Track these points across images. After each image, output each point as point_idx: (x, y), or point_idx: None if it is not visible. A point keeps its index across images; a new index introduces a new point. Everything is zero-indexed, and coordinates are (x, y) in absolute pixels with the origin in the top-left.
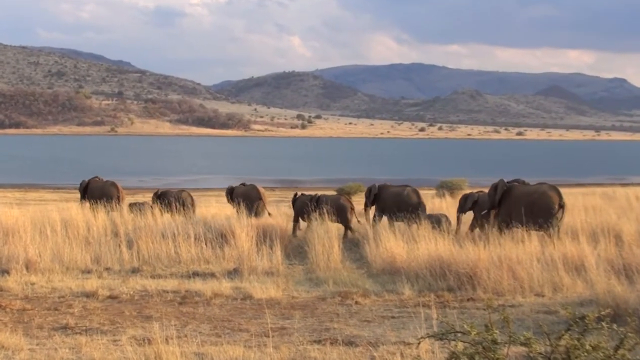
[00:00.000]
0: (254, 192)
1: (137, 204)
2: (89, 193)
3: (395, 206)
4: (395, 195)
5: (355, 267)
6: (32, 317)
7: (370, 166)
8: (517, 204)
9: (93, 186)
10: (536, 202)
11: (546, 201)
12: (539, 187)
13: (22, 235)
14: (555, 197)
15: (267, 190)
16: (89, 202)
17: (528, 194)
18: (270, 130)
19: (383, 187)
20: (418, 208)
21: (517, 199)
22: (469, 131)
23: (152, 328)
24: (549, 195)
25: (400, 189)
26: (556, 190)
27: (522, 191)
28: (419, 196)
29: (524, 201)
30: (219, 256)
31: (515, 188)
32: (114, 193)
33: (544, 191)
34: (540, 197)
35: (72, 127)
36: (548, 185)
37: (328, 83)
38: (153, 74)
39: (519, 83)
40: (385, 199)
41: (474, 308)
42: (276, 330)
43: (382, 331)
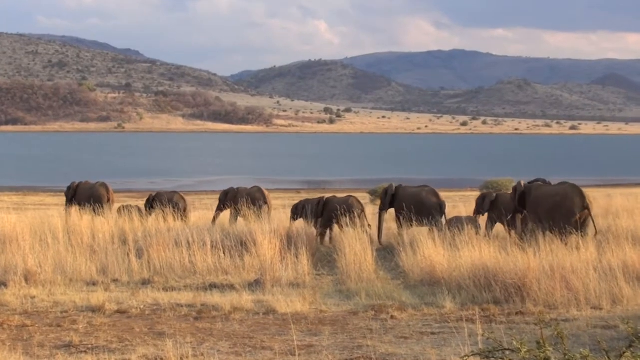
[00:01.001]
0: (259, 194)
1: (127, 206)
2: (77, 196)
3: (414, 208)
4: (413, 196)
5: (390, 277)
6: (33, 334)
7: (406, 165)
8: (540, 207)
9: (82, 189)
10: (558, 205)
11: (568, 204)
12: (561, 188)
13: (21, 244)
14: (577, 200)
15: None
16: (77, 205)
17: (550, 196)
18: (294, 126)
19: (400, 187)
20: (438, 209)
21: (539, 201)
22: (517, 125)
23: (165, 346)
24: (572, 197)
25: (419, 189)
26: (579, 191)
27: (544, 193)
28: (439, 197)
29: (546, 204)
30: (239, 266)
31: (536, 190)
32: (104, 195)
33: (566, 193)
34: (562, 199)
35: (74, 124)
36: (570, 186)
37: (359, 73)
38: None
39: (572, 71)
40: (402, 200)
41: (523, 323)
42: (303, 348)
43: (421, 349)
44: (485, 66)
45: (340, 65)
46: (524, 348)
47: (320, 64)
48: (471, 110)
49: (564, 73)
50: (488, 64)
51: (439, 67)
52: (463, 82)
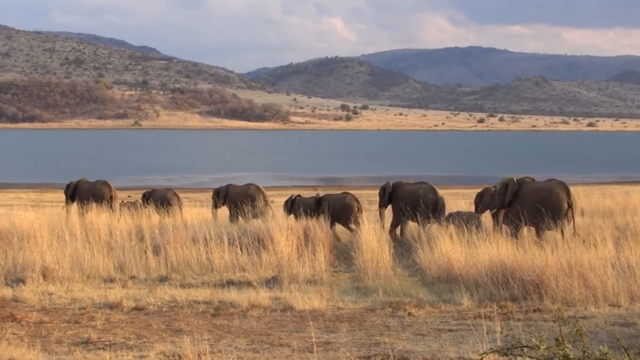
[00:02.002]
0: (257, 192)
1: (128, 203)
2: (78, 194)
3: (411, 205)
4: (411, 193)
5: (407, 274)
6: (51, 330)
7: (423, 162)
8: (526, 202)
9: (83, 187)
10: (544, 201)
11: (554, 200)
12: (547, 184)
13: (39, 241)
14: (563, 196)
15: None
16: (79, 203)
17: (535, 192)
18: (311, 123)
19: (398, 185)
20: (435, 206)
21: (525, 197)
22: (534, 122)
23: (183, 343)
24: (557, 193)
25: (417, 186)
26: (565, 188)
27: (530, 189)
28: (436, 194)
29: (531, 199)
30: (256, 263)
31: (522, 186)
32: (106, 193)
33: (552, 189)
34: (547, 195)
35: (91, 121)
36: (556, 182)
37: (376, 69)
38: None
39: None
40: (400, 197)
41: (541, 320)
42: (320, 345)
43: (439, 346)
44: (502, 63)
45: (357, 62)
46: (543, 345)
47: (337, 60)
48: (488, 107)
49: (582, 70)
50: (505, 60)
51: (455, 63)
52: (480, 79)
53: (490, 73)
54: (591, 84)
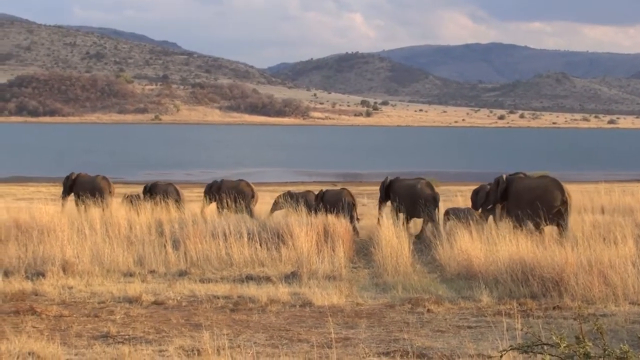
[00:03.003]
0: (247, 188)
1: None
2: (77, 188)
3: (409, 199)
4: (408, 188)
5: (426, 271)
6: (70, 324)
7: (443, 158)
8: (520, 199)
9: (82, 180)
10: (539, 198)
11: (548, 197)
12: (542, 181)
13: (59, 235)
14: (557, 193)
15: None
16: (77, 196)
17: (531, 189)
18: (331, 118)
19: (395, 180)
20: (432, 201)
21: (520, 193)
22: (554, 119)
23: (202, 337)
24: (551, 191)
25: (414, 181)
26: (559, 185)
27: (525, 186)
28: (433, 189)
29: (526, 196)
30: (275, 258)
31: (517, 182)
32: (105, 188)
33: (547, 186)
34: (542, 192)
35: (112, 115)
36: (551, 180)
37: (396, 65)
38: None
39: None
40: (397, 192)
41: (560, 317)
42: (339, 340)
43: (458, 342)
44: (523, 59)
45: (377, 58)
46: (563, 343)
47: (357, 56)
48: (508, 104)
49: (603, 67)
50: (526, 57)
51: (476, 60)
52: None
53: (510, 70)
54: (612, 81)
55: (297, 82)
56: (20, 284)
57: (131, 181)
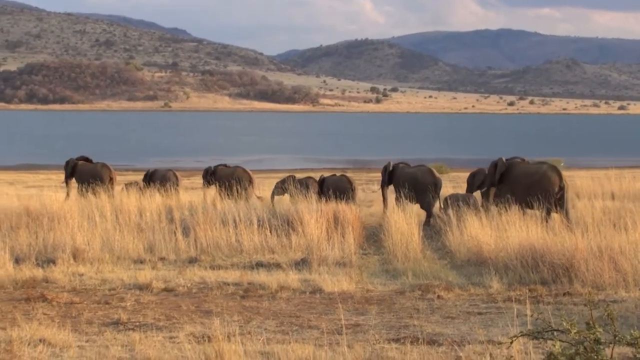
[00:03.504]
0: (245, 174)
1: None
2: (78, 174)
3: (410, 185)
4: (410, 174)
5: (436, 257)
6: (81, 311)
7: (453, 145)
8: (518, 184)
9: (83, 168)
10: (536, 184)
11: (546, 183)
12: (540, 167)
13: (69, 222)
14: (555, 179)
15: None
16: (78, 183)
17: (529, 174)
18: (340, 105)
19: (398, 166)
20: (433, 188)
21: (517, 178)
22: (564, 105)
23: (212, 324)
24: (549, 176)
25: (416, 168)
26: (557, 172)
27: (523, 170)
28: (434, 176)
29: (524, 181)
30: (285, 245)
31: (515, 167)
32: (106, 175)
33: (545, 172)
34: (540, 178)
35: (121, 102)
36: (548, 166)
37: (405, 52)
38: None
39: (621, 51)
40: (399, 178)
41: (570, 304)
42: (349, 327)
43: (468, 329)
44: (533, 45)
45: (387, 44)
46: (574, 329)
47: (367, 43)
48: (518, 90)
49: (613, 53)
50: (535, 43)
51: (485, 46)
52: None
53: (520, 56)
54: (622, 67)
55: (307, 68)
56: (31, 271)
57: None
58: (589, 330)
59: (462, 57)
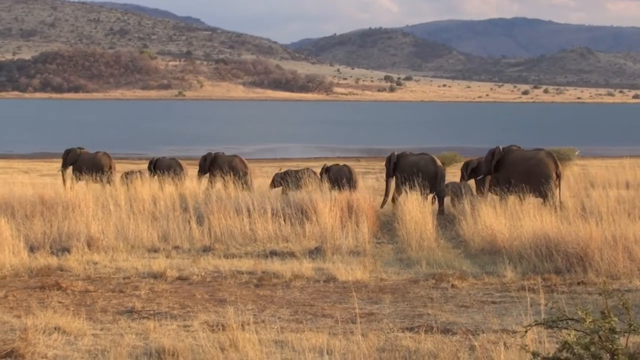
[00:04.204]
0: (241, 164)
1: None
2: (78, 164)
3: (414, 174)
4: (413, 163)
5: (450, 246)
6: (95, 299)
7: (467, 133)
8: (514, 170)
9: (83, 157)
10: (533, 169)
11: (543, 169)
12: (536, 154)
13: (84, 210)
14: (552, 165)
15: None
16: (77, 172)
17: (525, 160)
18: (354, 94)
19: (402, 155)
20: (436, 176)
21: (514, 164)
22: (579, 94)
23: (226, 313)
24: (546, 163)
25: (418, 157)
26: (553, 158)
27: (519, 157)
28: (436, 164)
29: (520, 167)
30: (299, 234)
31: (511, 154)
32: (106, 164)
33: (541, 159)
34: (537, 164)
35: (135, 91)
36: (545, 153)
37: (419, 41)
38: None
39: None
40: (403, 167)
41: (585, 293)
42: (363, 316)
43: (482, 318)
44: (547, 34)
45: (401, 33)
46: (589, 318)
47: (381, 32)
48: (532, 79)
49: (628, 41)
50: (550, 31)
51: (500, 35)
52: (524, 51)
53: (534, 44)
54: (637, 56)
55: (321, 57)
56: (45, 259)
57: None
58: (604, 320)
59: (476, 45)
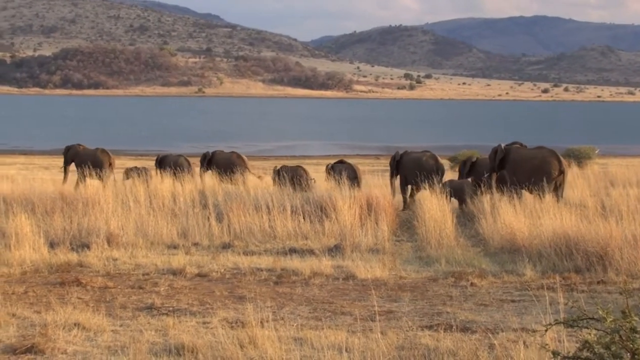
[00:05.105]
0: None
1: (134, 168)
2: (78, 160)
3: (415, 172)
4: (414, 161)
5: (470, 244)
6: (115, 295)
7: (487, 132)
8: (518, 168)
9: (82, 153)
10: (536, 168)
11: (546, 167)
12: (540, 152)
13: (103, 207)
14: (555, 163)
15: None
16: (78, 168)
17: (529, 159)
18: (374, 92)
19: (404, 154)
20: (436, 173)
21: (517, 163)
22: (599, 93)
23: (246, 309)
24: (549, 161)
25: (420, 154)
26: (556, 156)
27: (523, 155)
28: (437, 161)
29: (525, 166)
30: (319, 231)
31: (515, 152)
32: (105, 160)
33: (545, 157)
34: (540, 162)
35: (155, 88)
36: (548, 151)
37: (439, 38)
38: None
39: None
40: (405, 165)
41: (605, 292)
42: (383, 313)
43: (501, 316)
44: (567, 32)
45: (421, 31)
46: (609, 317)
47: (401, 29)
48: (553, 77)
49: None
50: (570, 30)
51: (520, 33)
52: (544, 49)
53: (555, 43)
54: None
55: (341, 55)
56: (65, 255)
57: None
58: (625, 319)
59: (496, 43)
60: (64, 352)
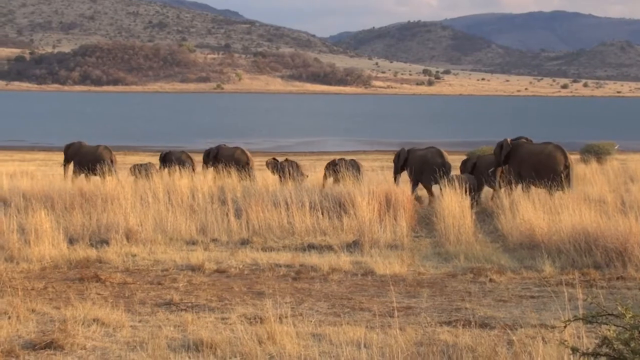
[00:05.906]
0: (243, 155)
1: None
2: (79, 157)
3: (422, 168)
4: (421, 157)
5: (489, 240)
6: (134, 291)
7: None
8: (524, 163)
9: (84, 150)
10: (542, 163)
11: (552, 162)
12: (545, 147)
13: (122, 203)
14: (561, 158)
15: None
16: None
17: (535, 154)
18: (393, 87)
19: (411, 150)
20: (442, 168)
21: (523, 158)
22: (619, 88)
23: (264, 305)
24: (555, 156)
25: (426, 150)
26: (562, 151)
27: (529, 150)
28: (443, 157)
29: (530, 160)
30: (337, 227)
31: (521, 147)
32: (107, 157)
33: (550, 152)
34: (546, 157)
35: (174, 84)
36: (554, 146)
37: (458, 34)
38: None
39: None
40: (411, 161)
41: (624, 288)
42: (401, 309)
43: (520, 312)
44: (587, 28)
45: (440, 26)
46: (629, 313)
47: (419, 25)
48: (572, 73)
49: None
50: (589, 25)
51: (539, 28)
52: (564, 44)
53: (574, 38)
54: None
55: (359, 51)
56: (84, 251)
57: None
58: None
59: (515, 39)
60: (83, 347)
